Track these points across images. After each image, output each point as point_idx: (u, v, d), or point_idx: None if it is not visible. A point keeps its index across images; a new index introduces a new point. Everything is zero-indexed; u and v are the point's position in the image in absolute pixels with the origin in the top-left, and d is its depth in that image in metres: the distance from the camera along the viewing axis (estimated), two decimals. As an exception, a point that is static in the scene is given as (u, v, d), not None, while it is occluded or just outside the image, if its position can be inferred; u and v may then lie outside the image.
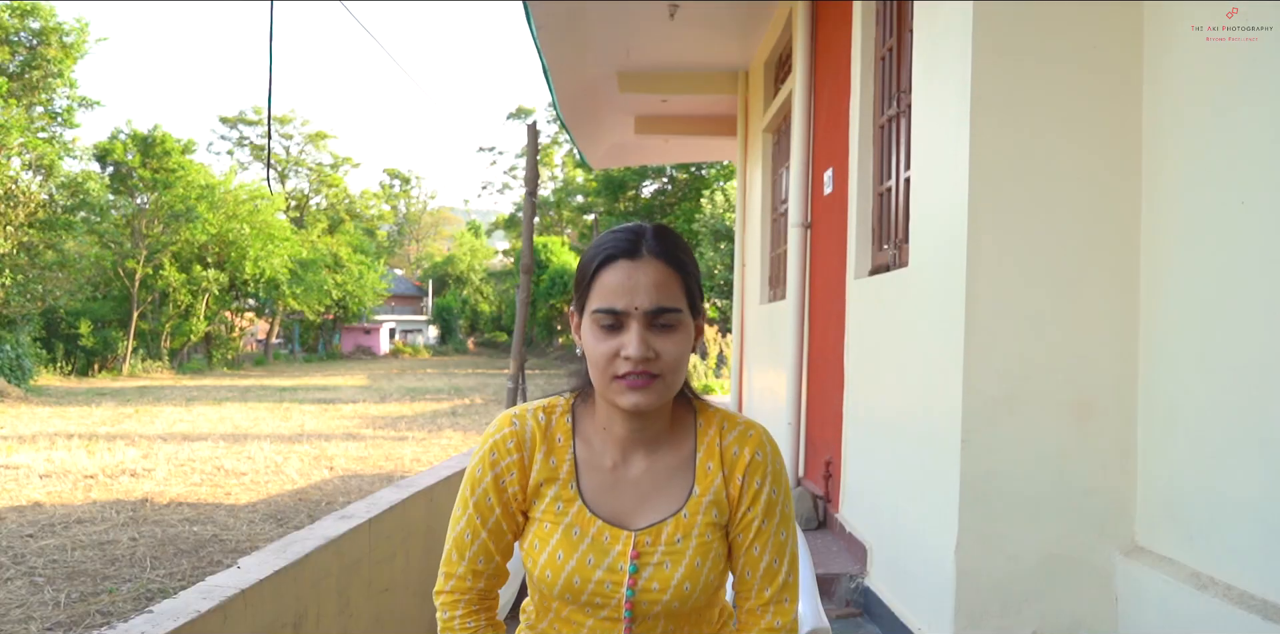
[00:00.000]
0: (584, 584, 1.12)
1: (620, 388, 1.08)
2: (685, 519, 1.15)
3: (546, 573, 1.13)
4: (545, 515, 1.15)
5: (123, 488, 6.58)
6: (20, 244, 17.97)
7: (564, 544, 1.13)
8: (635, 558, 1.12)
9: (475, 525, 1.17)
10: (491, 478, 1.16)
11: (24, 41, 19.93)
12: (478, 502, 1.17)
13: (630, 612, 1.13)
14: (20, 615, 3.63)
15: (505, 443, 1.16)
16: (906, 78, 3.14)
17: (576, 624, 1.16)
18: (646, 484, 1.17)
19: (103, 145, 24.34)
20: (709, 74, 7.16)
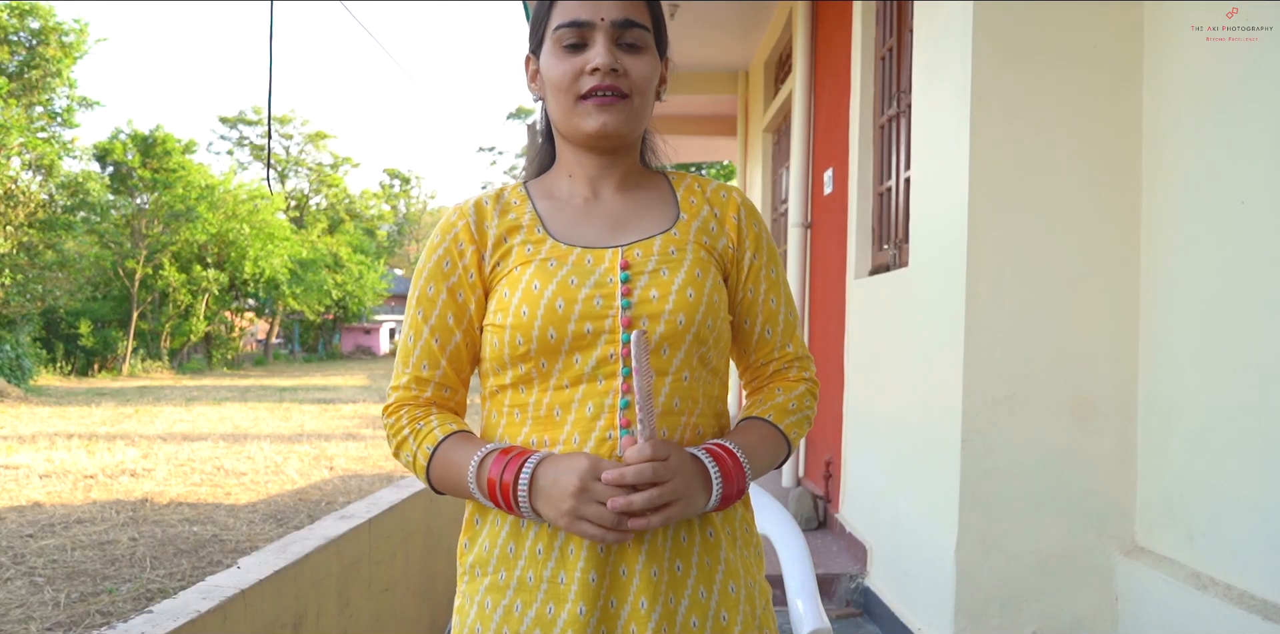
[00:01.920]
0: (569, 307, 0.95)
1: (587, 109, 0.98)
2: (676, 236, 1.03)
3: (522, 311, 0.95)
4: (515, 262, 1.00)
5: (123, 488, 6.58)
6: (20, 244, 17.97)
7: (539, 275, 0.97)
8: (625, 267, 0.98)
9: (417, 324, 1.02)
10: (434, 261, 1.02)
11: (23, 41, 19.93)
12: (420, 295, 1.02)
13: (628, 334, 0.96)
14: (20, 615, 3.63)
15: (451, 220, 1.03)
16: (906, 78, 3.14)
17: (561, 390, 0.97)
18: (625, 212, 1.05)
19: (103, 145, 24.33)
20: (709, 74, 7.16)
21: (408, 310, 1.05)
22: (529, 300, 0.96)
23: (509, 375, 0.98)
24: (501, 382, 1.00)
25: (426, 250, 1.04)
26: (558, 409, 0.96)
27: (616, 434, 0.95)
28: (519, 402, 0.99)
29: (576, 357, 0.95)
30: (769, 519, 1.73)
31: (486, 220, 1.03)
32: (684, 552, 0.98)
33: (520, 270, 0.99)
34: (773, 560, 1.75)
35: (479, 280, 1.02)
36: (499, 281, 1.00)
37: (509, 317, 0.96)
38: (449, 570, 2.98)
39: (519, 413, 0.99)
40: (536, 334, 0.95)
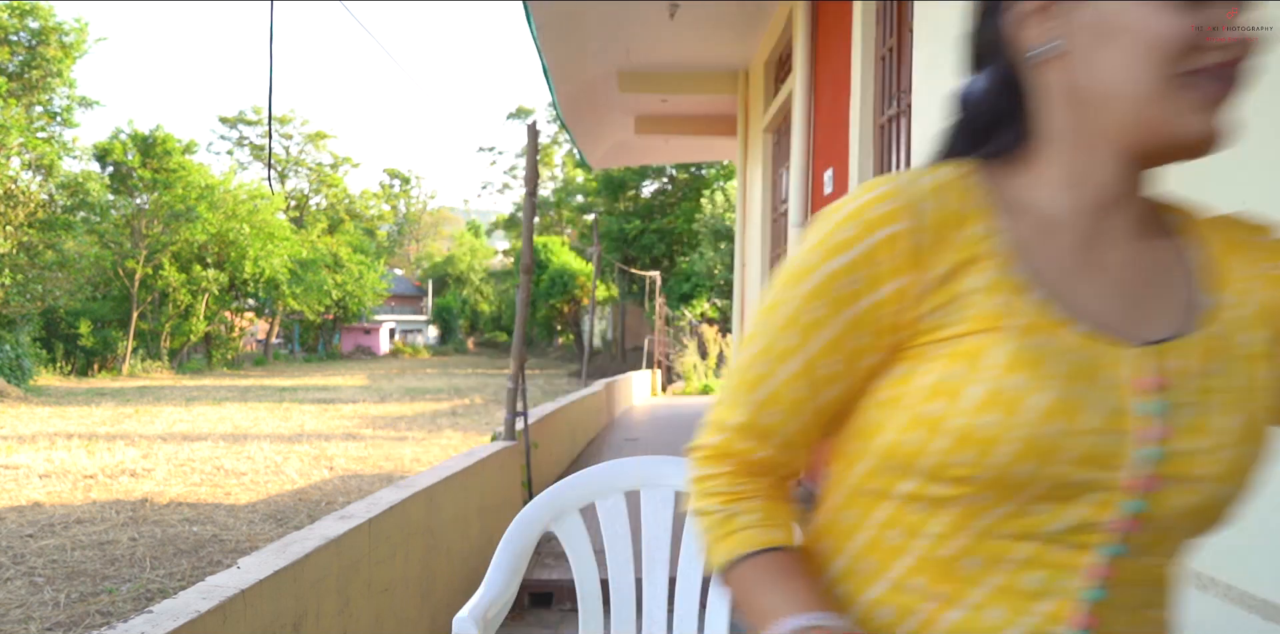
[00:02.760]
0: (1065, 440, 0.59)
1: (1196, 99, 0.61)
2: (1220, 337, 0.65)
3: (985, 420, 0.60)
4: (971, 323, 0.62)
5: (122, 488, 6.58)
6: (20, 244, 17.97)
7: (1024, 366, 0.60)
8: (1160, 388, 0.62)
9: (780, 351, 0.67)
10: (831, 272, 0.64)
11: (23, 41, 19.93)
12: (795, 312, 0.66)
13: (1142, 505, 0.61)
14: (20, 615, 3.63)
15: (880, 215, 0.63)
16: (907, 77, 3.14)
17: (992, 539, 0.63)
18: (1139, 276, 0.67)
19: (102, 145, 24.35)
20: (709, 74, 7.16)
21: (765, 323, 0.69)
22: (1000, 407, 0.60)
23: (906, 487, 0.64)
24: (887, 487, 0.66)
25: (818, 245, 0.66)
26: (976, 561, 0.63)
27: (1063, 631, 0.62)
28: (909, 525, 0.65)
29: (1044, 507, 0.61)
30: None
31: (936, 234, 0.64)
32: None
33: (982, 342, 0.62)
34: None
35: (895, 327, 0.65)
36: (933, 346, 0.63)
37: (956, 417, 0.61)
38: (449, 571, 2.98)
39: (901, 538, 0.66)
40: (998, 463, 0.60)
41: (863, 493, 0.69)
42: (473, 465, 3.26)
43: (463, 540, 3.13)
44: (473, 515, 3.27)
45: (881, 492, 0.67)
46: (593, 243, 15.63)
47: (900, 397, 0.64)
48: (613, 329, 27.44)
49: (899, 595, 0.66)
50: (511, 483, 3.98)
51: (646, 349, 17.09)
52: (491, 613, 1.46)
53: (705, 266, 19.50)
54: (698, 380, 14.62)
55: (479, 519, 3.36)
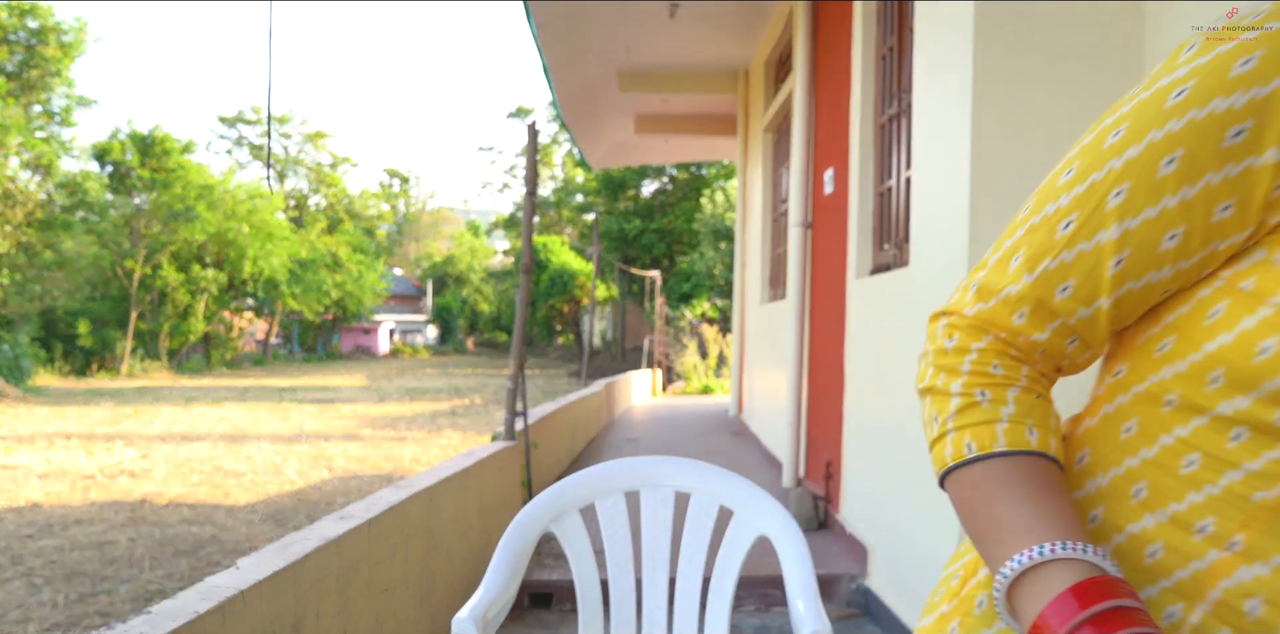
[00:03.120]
0: None
1: None
2: None
3: None
4: None
5: (121, 488, 6.57)
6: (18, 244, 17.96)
7: None
8: None
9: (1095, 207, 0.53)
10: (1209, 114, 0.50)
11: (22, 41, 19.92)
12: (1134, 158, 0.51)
13: None
14: (19, 616, 3.62)
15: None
16: (907, 77, 3.13)
17: None
18: None
19: (101, 145, 24.33)
20: (709, 73, 7.15)
21: (1090, 164, 0.53)
22: None
23: (1233, 406, 0.51)
24: (1204, 402, 0.52)
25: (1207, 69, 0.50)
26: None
27: None
28: (1220, 454, 0.52)
29: None
30: (769, 520, 1.73)
31: None
32: None
33: None
34: (773, 561, 1.75)
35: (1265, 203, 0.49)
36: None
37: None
38: (449, 571, 2.97)
39: (1203, 467, 0.52)
40: None
41: (1159, 401, 0.54)
42: (472, 466, 3.26)
43: (462, 541, 3.13)
44: (472, 515, 3.27)
45: (1192, 405, 0.52)
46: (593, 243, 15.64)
47: (1266, 290, 0.48)
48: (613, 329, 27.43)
49: (1178, 533, 0.52)
50: (511, 483, 3.97)
51: (646, 349, 17.10)
52: (491, 613, 1.45)
53: (705, 266, 19.49)
54: (698, 380, 14.63)
55: (479, 519, 3.35)
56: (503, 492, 3.82)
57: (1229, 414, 0.51)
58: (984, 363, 0.57)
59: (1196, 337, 0.52)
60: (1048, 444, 0.55)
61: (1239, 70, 0.48)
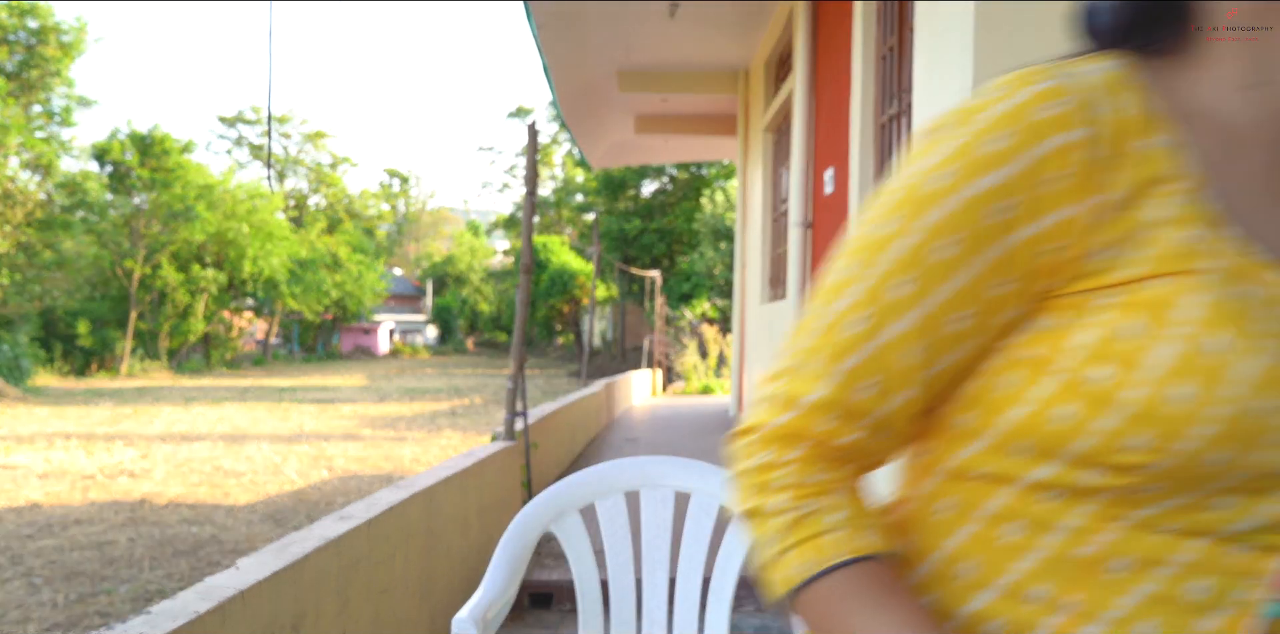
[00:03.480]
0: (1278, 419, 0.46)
1: None
2: None
3: (1175, 392, 0.46)
4: (1153, 263, 0.48)
5: (121, 488, 6.57)
6: (18, 244, 17.96)
7: (1227, 320, 0.47)
8: None
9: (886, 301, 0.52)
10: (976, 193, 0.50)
11: (22, 41, 19.93)
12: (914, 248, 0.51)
13: None
14: (18, 616, 3.62)
15: (1045, 119, 0.49)
16: (908, 76, 3.13)
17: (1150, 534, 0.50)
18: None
19: (101, 145, 24.33)
20: (709, 73, 7.16)
21: (866, 265, 0.53)
22: (1198, 374, 0.46)
23: (1041, 473, 0.51)
24: (1012, 472, 0.52)
25: (954, 157, 0.51)
26: (1124, 563, 0.50)
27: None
28: (1037, 517, 0.52)
29: (1230, 501, 0.48)
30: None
31: (1115, 146, 0.49)
32: None
33: (1170, 289, 0.48)
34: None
35: (1052, 269, 0.50)
36: (1099, 293, 0.49)
37: (1134, 387, 0.47)
38: (448, 572, 2.97)
39: (1023, 534, 0.52)
40: (1188, 448, 0.47)
41: (970, 478, 0.54)
42: (472, 466, 3.26)
43: (462, 541, 3.12)
44: (472, 516, 3.27)
45: (1001, 476, 0.52)
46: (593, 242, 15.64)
47: (1050, 357, 0.49)
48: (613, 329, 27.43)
49: (1014, 606, 0.52)
50: (511, 483, 3.97)
51: (646, 349, 17.10)
52: (491, 613, 1.45)
53: (705, 266, 19.50)
54: (698, 380, 14.63)
55: (478, 519, 3.35)
56: (502, 492, 3.82)
57: (1039, 480, 0.51)
58: (804, 473, 0.55)
59: (994, 409, 0.52)
60: (883, 544, 0.54)
61: (989, 149, 0.49)
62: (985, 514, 0.53)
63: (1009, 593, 0.52)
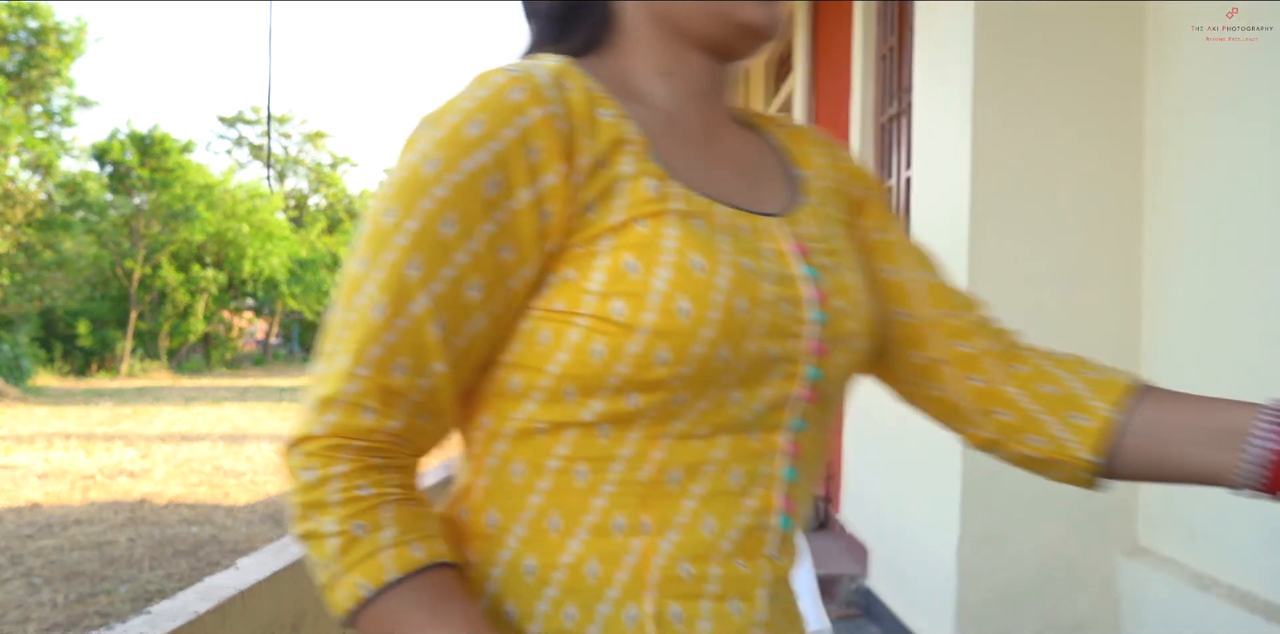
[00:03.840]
0: (753, 311, 0.57)
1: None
2: (819, 206, 0.69)
3: (681, 306, 0.55)
4: (632, 209, 0.57)
5: (121, 488, 6.57)
6: (18, 244, 17.97)
7: (696, 244, 0.57)
8: (804, 253, 0.63)
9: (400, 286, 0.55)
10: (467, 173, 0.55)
11: (22, 41, 19.93)
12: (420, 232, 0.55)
13: (816, 368, 0.61)
14: (18, 616, 3.62)
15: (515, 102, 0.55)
16: (908, 77, 3.13)
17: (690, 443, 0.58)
18: (747, 160, 0.68)
19: (101, 145, 24.33)
20: (708, 74, 7.16)
21: (374, 254, 0.56)
22: (691, 290, 0.55)
23: (593, 409, 0.57)
24: (567, 417, 0.57)
25: (440, 145, 0.55)
26: (677, 473, 0.58)
27: (775, 523, 0.61)
28: (598, 453, 0.57)
29: (737, 394, 0.58)
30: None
31: (579, 118, 0.57)
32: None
33: (650, 228, 0.57)
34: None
35: (553, 229, 0.56)
36: (596, 240, 0.57)
37: (649, 312, 0.55)
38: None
39: (591, 472, 0.58)
40: (703, 351, 0.55)
41: (533, 433, 0.58)
42: (472, 466, 3.26)
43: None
44: (472, 516, 3.27)
45: (559, 424, 0.57)
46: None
47: (574, 305, 0.56)
48: (612, 329, 27.46)
49: (603, 542, 0.57)
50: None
51: (646, 349, 17.10)
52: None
53: (704, 266, 19.53)
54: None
55: (478, 519, 3.35)
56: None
57: (592, 418, 0.57)
58: (351, 488, 0.55)
59: (538, 365, 0.57)
60: (436, 552, 0.56)
61: (473, 133, 0.54)
62: (556, 463, 0.58)
63: (596, 531, 0.58)
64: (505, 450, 0.59)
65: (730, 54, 0.66)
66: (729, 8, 0.62)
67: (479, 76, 0.58)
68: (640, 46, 0.65)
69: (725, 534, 0.59)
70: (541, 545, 0.58)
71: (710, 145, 0.66)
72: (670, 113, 0.64)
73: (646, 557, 0.57)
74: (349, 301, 0.56)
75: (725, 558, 0.59)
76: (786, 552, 0.64)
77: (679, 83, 0.65)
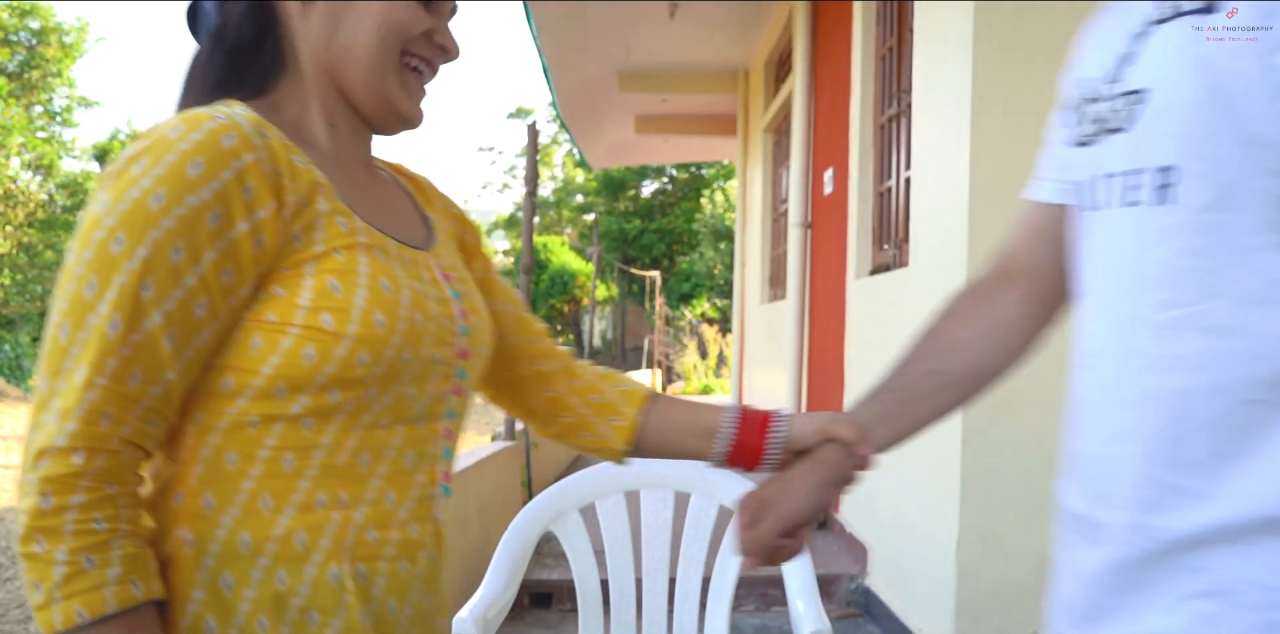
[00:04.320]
0: (426, 324, 0.73)
1: (409, 82, 0.78)
2: (446, 245, 0.85)
3: (377, 318, 0.68)
4: (329, 241, 0.69)
5: (122, 488, 6.58)
6: (19, 244, 17.98)
7: (383, 270, 0.71)
8: (447, 280, 0.79)
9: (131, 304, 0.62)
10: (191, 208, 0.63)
11: (23, 41, 19.94)
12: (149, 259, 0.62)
13: (463, 369, 0.79)
14: (20, 616, 3.62)
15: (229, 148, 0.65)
16: (907, 77, 3.14)
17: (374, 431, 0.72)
18: (395, 202, 0.83)
19: (102, 145, 24.34)
20: (709, 73, 7.15)
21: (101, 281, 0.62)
22: (384, 306, 0.69)
23: (300, 404, 0.68)
24: (277, 410, 0.68)
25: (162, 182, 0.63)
26: (366, 458, 0.71)
27: (436, 491, 0.78)
28: (303, 443, 0.69)
29: (410, 390, 0.73)
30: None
31: (279, 163, 0.68)
32: None
33: (346, 257, 0.70)
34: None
35: (266, 254, 0.67)
36: (304, 265, 0.68)
37: (353, 324, 0.67)
38: (448, 571, 2.97)
39: (297, 459, 0.69)
40: (392, 354, 0.69)
41: (245, 426, 0.68)
42: (472, 466, 3.26)
43: (462, 541, 3.13)
44: (472, 515, 3.27)
45: (271, 417, 0.68)
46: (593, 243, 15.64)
47: (286, 317, 0.67)
48: (613, 329, 27.43)
49: (308, 516, 0.69)
50: (511, 483, 3.98)
51: (646, 349, 17.10)
52: (491, 613, 1.46)
53: (705, 266, 19.50)
54: (698, 380, 14.63)
55: (479, 519, 3.35)
56: (502, 492, 3.82)
57: (299, 412, 0.68)
58: (85, 520, 0.62)
59: (252, 367, 0.67)
60: (151, 591, 0.65)
61: (195, 172, 0.64)
62: (266, 452, 0.69)
63: (302, 508, 0.69)
64: (218, 442, 0.69)
65: (375, 126, 0.80)
66: (390, 95, 0.76)
67: (188, 119, 0.66)
68: (312, 98, 0.77)
69: (403, 504, 0.74)
70: (255, 523, 0.68)
71: (369, 188, 0.79)
72: (336, 158, 0.77)
73: (344, 527, 0.70)
74: (79, 320, 0.63)
75: (403, 524, 0.74)
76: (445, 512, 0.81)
77: (341, 133, 0.78)
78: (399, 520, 0.74)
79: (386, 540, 0.73)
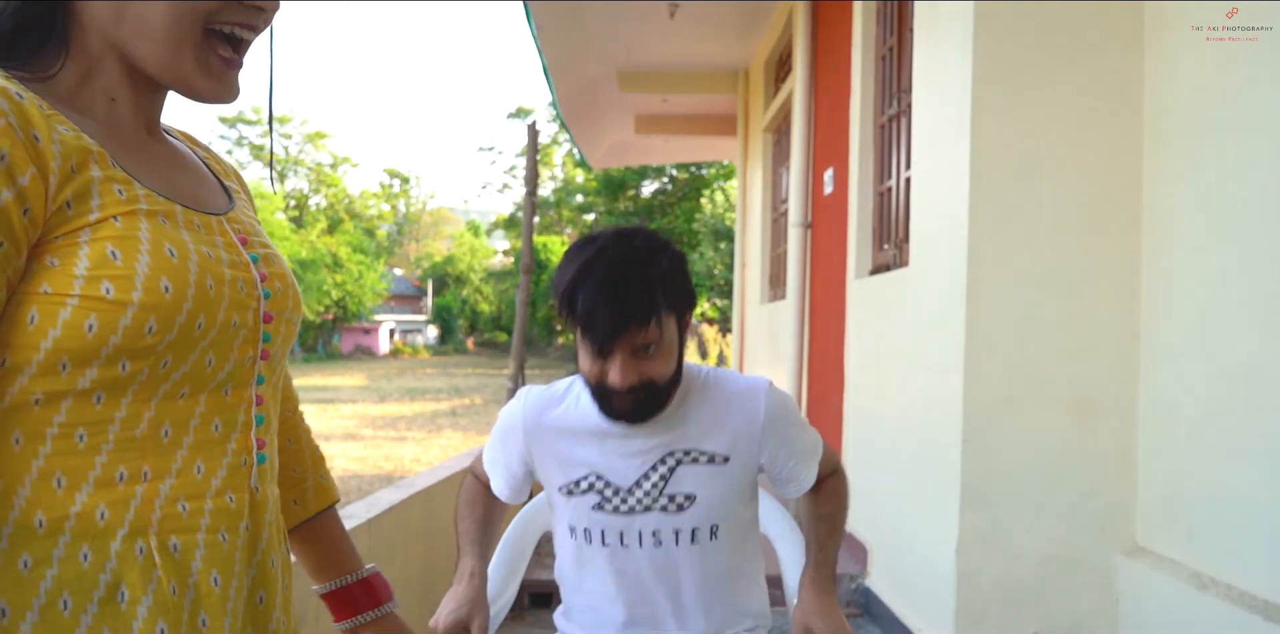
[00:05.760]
0: (219, 288, 0.71)
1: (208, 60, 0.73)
2: (244, 210, 0.84)
3: (163, 285, 0.66)
4: (105, 209, 0.67)
5: (122, 488, 6.58)
6: (19, 244, 17.99)
7: (166, 235, 0.69)
8: (245, 244, 0.78)
9: None
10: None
11: (23, 41, 19.95)
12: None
13: (268, 333, 0.77)
14: (19, 616, 3.62)
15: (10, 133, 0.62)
16: (907, 77, 3.14)
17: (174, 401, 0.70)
18: (188, 169, 0.81)
19: (102, 145, 24.35)
20: (709, 73, 7.15)
21: None
22: (170, 271, 0.67)
23: (88, 377, 0.65)
24: (63, 386, 0.65)
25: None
26: (168, 428, 0.70)
27: (252, 459, 0.76)
28: (94, 418, 0.66)
29: (210, 357, 0.71)
30: (770, 519, 1.73)
31: (37, 127, 0.64)
32: None
33: (125, 223, 0.67)
34: (772, 560, 1.75)
35: (36, 222, 0.64)
36: (79, 233, 0.65)
37: (137, 291, 0.65)
38: (448, 571, 2.98)
39: (90, 435, 0.66)
40: (183, 321, 0.67)
41: (28, 405, 0.65)
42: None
43: (462, 540, 3.13)
44: (472, 515, 3.27)
45: (55, 393, 0.65)
46: (592, 243, 15.60)
47: (62, 287, 0.64)
48: (612, 329, 27.38)
49: (108, 491, 0.67)
50: (511, 483, 3.97)
51: (646, 349, 17.05)
52: (491, 613, 1.45)
53: (705, 266, 19.50)
54: (697, 380, 14.61)
55: (479, 519, 3.35)
56: (503, 491, 3.82)
57: (87, 386, 0.65)
58: None
59: (29, 342, 0.64)
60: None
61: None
62: (55, 430, 0.66)
63: (100, 484, 0.66)
64: (1, 424, 0.65)
65: (190, 98, 0.75)
66: (187, 76, 0.72)
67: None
68: (95, 74, 0.72)
69: (214, 474, 0.72)
70: (49, 502, 0.65)
71: (155, 155, 0.76)
72: (113, 126, 0.73)
73: (149, 500, 0.68)
74: None
75: (217, 493, 0.72)
76: (265, 481, 0.78)
77: (123, 106, 0.74)
78: (212, 490, 0.72)
79: (200, 511, 0.71)
